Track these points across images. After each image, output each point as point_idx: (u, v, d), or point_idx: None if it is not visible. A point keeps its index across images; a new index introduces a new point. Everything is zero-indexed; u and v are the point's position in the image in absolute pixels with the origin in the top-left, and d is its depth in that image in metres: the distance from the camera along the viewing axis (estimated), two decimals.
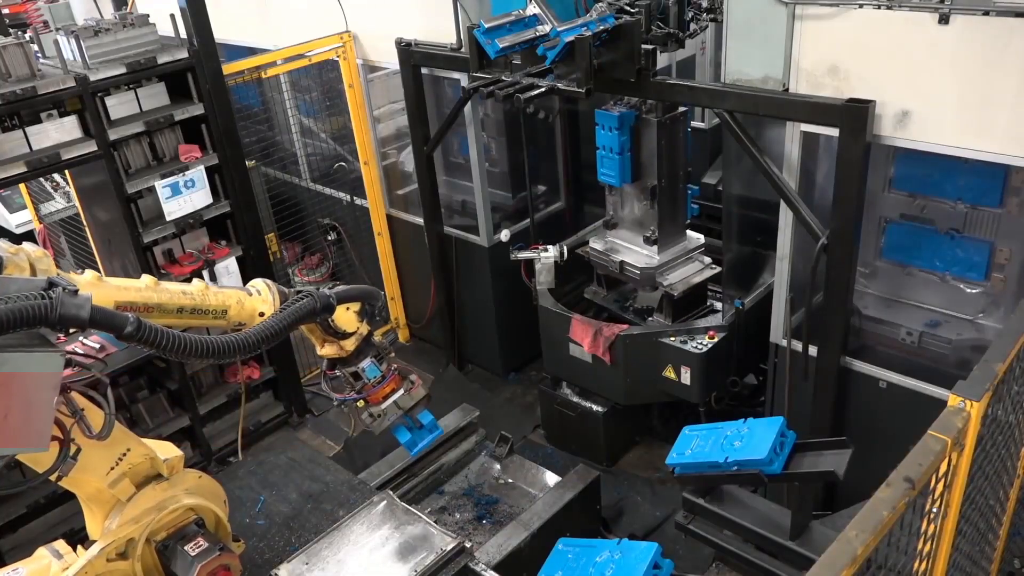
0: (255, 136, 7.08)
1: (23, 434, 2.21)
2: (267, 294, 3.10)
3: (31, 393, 2.19)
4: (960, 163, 3.94)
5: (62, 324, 2.19)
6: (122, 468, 3.09)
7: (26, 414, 2.19)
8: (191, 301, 2.83)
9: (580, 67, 4.16)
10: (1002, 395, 2.38)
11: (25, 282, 2.22)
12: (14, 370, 2.14)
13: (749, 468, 3.36)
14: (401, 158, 7.07)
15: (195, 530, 3.23)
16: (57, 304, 2.14)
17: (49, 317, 2.12)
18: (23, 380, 2.16)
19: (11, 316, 2.04)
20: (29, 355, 2.17)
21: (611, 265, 5.30)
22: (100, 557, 3.05)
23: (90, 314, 2.22)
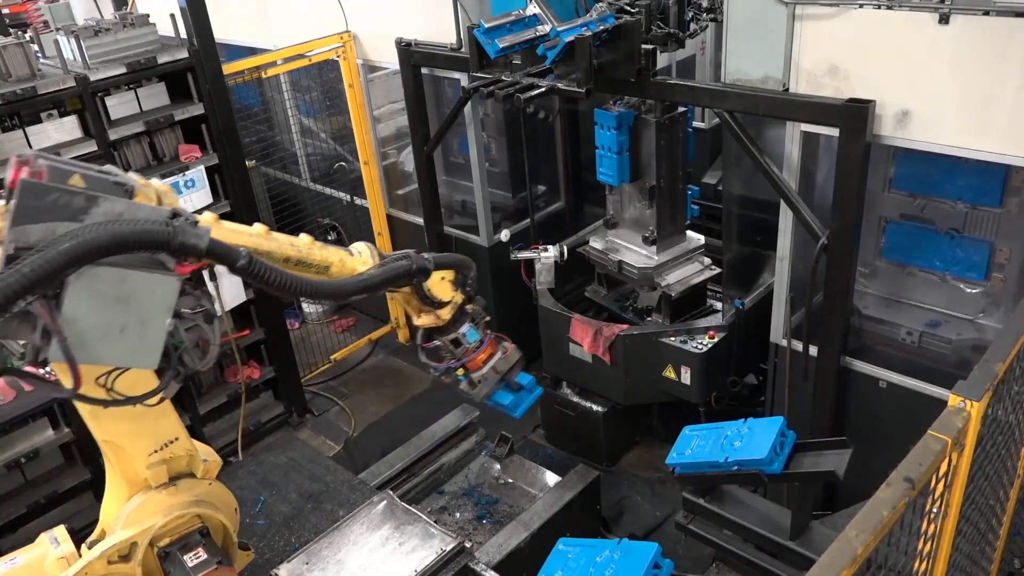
0: (255, 136, 7.08)
1: (135, 350, 2.33)
2: (367, 256, 3.15)
3: (148, 312, 2.31)
4: (960, 163, 3.94)
5: (182, 251, 2.28)
6: (164, 455, 3.08)
7: (141, 331, 2.31)
8: (297, 253, 2.90)
9: (580, 67, 4.16)
10: (1002, 395, 2.38)
11: (152, 210, 2.33)
12: (134, 288, 2.26)
13: (749, 468, 3.36)
14: (401, 158, 7.07)
15: (198, 539, 3.18)
16: (179, 232, 2.24)
17: (171, 243, 2.23)
18: (141, 299, 2.29)
19: (137, 237, 2.16)
20: (149, 275, 2.30)
21: (610, 264, 5.30)
22: (101, 559, 3.04)
23: (208, 245, 2.32)
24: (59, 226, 2.13)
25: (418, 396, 6.69)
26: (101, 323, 2.21)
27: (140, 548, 3.08)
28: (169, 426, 3.08)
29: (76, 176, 2.24)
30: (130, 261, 2.24)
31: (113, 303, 2.23)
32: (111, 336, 2.25)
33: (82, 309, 2.16)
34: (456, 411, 5.44)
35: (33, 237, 2.10)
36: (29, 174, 2.15)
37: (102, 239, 2.08)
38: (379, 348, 7.41)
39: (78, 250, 2.02)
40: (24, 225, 2.10)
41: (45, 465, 5.26)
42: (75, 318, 2.15)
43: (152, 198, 2.46)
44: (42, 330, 2.15)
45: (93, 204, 2.21)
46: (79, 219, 2.17)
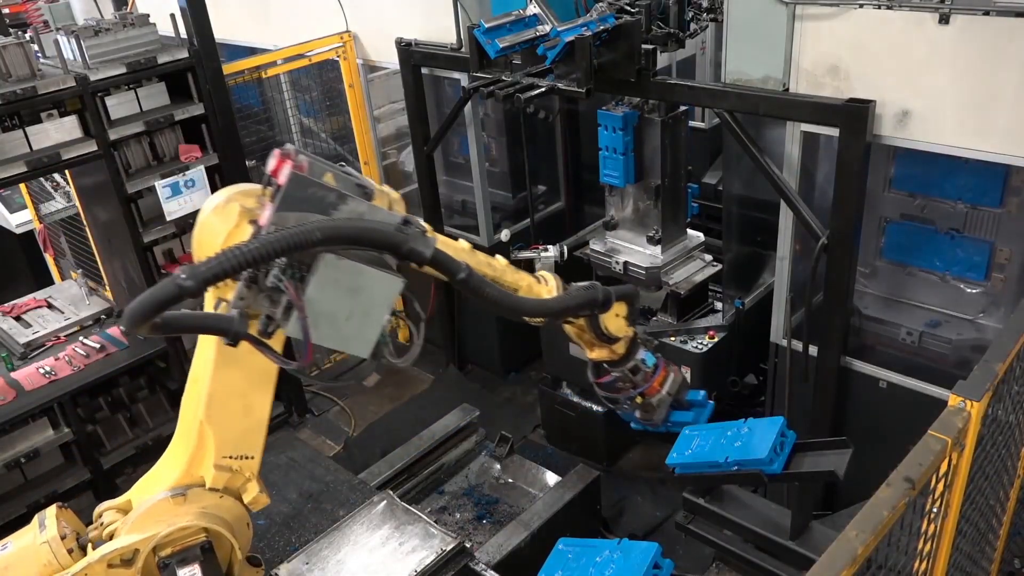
0: (255, 136, 7.07)
1: (354, 338, 2.56)
2: (552, 284, 3.33)
3: (371, 306, 2.55)
4: (960, 163, 3.94)
5: (409, 256, 2.51)
6: (234, 464, 3.05)
7: (362, 322, 2.55)
8: (492, 272, 3.06)
9: (580, 67, 4.16)
10: (1002, 395, 2.38)
11: (387, 214, 2.59)
12: (366, 282, 2.50)
13: (749, 468, 3.35)
14: (401, 158, 7.07)
15: (197, 555, 3.12)
16: (411, 238, 2.48)
17: (401, 247, 2.47)
18: (369, 292, 2.52)
19: (375, 236, 2.42)
20: (380, 272, 2.53)
21: (614, 266, 5.29)
22: (101, 562, 3.02)
23: (432, 254, 2.54)
24: (311, 216, 2.41)
25: (418, 396, 6.69)
26: (333, 309, 2.46)
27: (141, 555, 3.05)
28: (255, 443, 3.10)
29: (329, 174, 2.51)
30: (362, 257, 2.49)
31: (346, 293, 2.48)
32: (337, 322, 2.50)
33: (321, 293, 2.41)
34: (456, 411, 5.44)
35: (289, 223, 2.37)
36: (293, 167, 2.41)
37: (348, 230, 2.38)
38: None
39: (329, 232, 2.31)
40: (286, 212, 2.40)
41: (45, 465, 5.27)
42: (314, 300, 2.39)
43: (386, 203, 2.67)
44: (285, 306, 2.37)
45: (342, 202, 2.49)
46: (329, 213, 2.45)
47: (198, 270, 2.19)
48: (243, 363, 2.85)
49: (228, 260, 2.20)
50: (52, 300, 6.21)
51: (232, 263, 2.20)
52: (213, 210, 2.64)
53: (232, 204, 2.61)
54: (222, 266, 2.19)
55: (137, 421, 5.63)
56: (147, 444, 5.58)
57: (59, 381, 5.16)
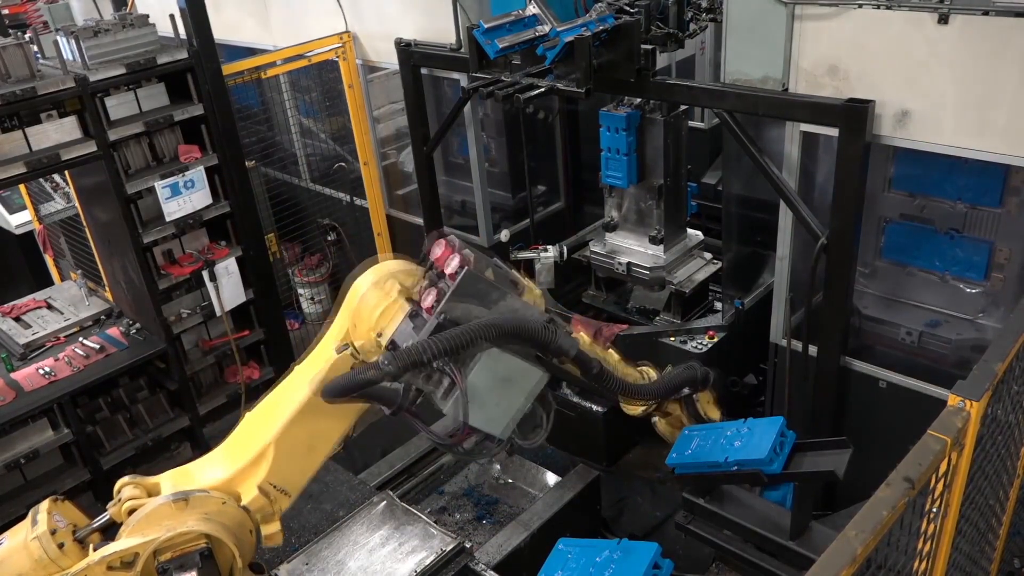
0: (255, 136, 7.08)
1: (497, 420, 2.85)
2: (653, 375, 3.73)
3: (517, 394, 2.86)
4: (960, 163, 3.94)
5: (554, 352, 2.79)
6: (273, 493, 3.13)
7: (506, 408, 2.86)
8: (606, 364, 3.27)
9: (580, 67, 4.16)
10: (1002, 395, 2.38)
11: (535, 311, 2.86)
12: (518, 373, 2.82)
13: (749, 468, 3.35)
14: (401, 158, 7.07)
15: (195, 561, 3.10)
16: (558, 337, 2.77)
17: (550, 345, 2.75)
18: (519, 382, 2.84)
19: (528, 332, 2.70)
20: (531, 366, 2.85)
21: (616, 267, 5.29)
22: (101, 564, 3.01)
23: (576, 352, 2.82)
24: (474, 309, 2.72)
25: None
26: (486, 393, 2.75)
27: (141, 559, 3.04)
28: (299, 482, 3.19)
29: (489, 269, 2.80)
30: (516, 350, 2.78)
31: (501, 381, 2.78)
32: (488, 405, 2.79)
33: (480, 379, 2.71)
34: None
35: (457, 312, 2.69)
36: (462, 261, 2.70)
37: (513, 328, 2.66)
38: None
39: (500, 331, 2.61)
40: (456, 302, 2.69)
41: (45, 466, 5.27)
42: (475, 385, 2.70)
43: (532, 301, 2.94)
44: (446, 388, 2.70)
45: (501, 298, 2.79)
46: (489, 307, 2.75)
47: (400, 357, 2.53)
48: (330, 414, 3.06)
49: (426, 351, 2.52)
50: (52, 301, 6.21)
51: (428, 354, 2.52)
52: (373, 285, 2.90)
53: (392, 282, 2.88)
54: (421, 356, 2.52)
55: (137, 422, 5.63)
56: (147, 445, 5.58)
57: (59, 382, 5.16)
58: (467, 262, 2.68)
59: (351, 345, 2.87)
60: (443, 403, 2.69)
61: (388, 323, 2.83)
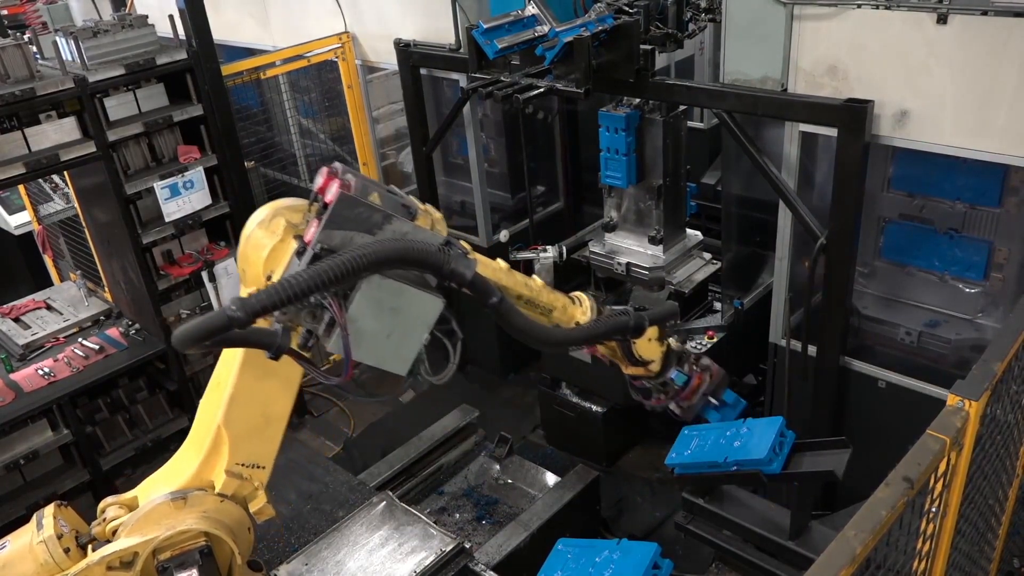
0: (254, 137, 7.08)
1: (393, 356, 2.62)
2: (587, 306, 3.34)
3: (411, 325, 2.61)
4: (959, 163, 3.94)
5: (450, 277, 2.56)
6: (245, 472, 3.07)
7: (401, 340, 2.61)
8: (528, 292, 3.12)
9: (579, 67, 4.16)
10: (1001, 394, 2.38)
11: (430, 234, 2.62)
12: (407, 302, 2.56)
13: (748, 468, 3.36)
14: (400, 159, 7.07)
15: (195, 559, 3.11)
16: (452, 259, 2.53)
17: (443, 268, 2.51)
18: (410, 312, 2.59)
19: (419, 255, 2.45)
20: (422, 293, 2.61)
21: (616, 268, 5.29)
22: (100, 564, 3.02)
23: (472, 276, 2.60)
24: (356, 235, 2.47)
25: (417, 397, 6.69)
26: (374, 327, 2.52)
27: (141, 559, 3.04)
28: (269, 454, 3.12)
29: (375, 193, 2.53)
30: (405, 276, 2.55)
31: (388, 312, 2.53)
32: (378, 340, 2.55)
33: (364, 312, 2.47)
34: (455, 412, 5.44)
35: (335, 241, 2.44)
36: (341, 186, 2.45)
37: (392, 252, 2.40)
38: None
39: (373, 257, 2.33)
40: (332, 230, 2.44)
41: (44, 466, 5.26)
42: (357, 318, 2.45)
43: (429, 223, 2.70)
44: (328, 323, 2.43)
45: (387, 222, 2.53)
46: (373, 232, 2.50)
47: (248, 303, 2.24)
48: (268, 373, 2.89)
49: (278, 294, 2.24)
50: (51, 301, 6.20)
51: (281, 296, 2.24)
52: (259, 224, 2.69)
53: (278, 219, 2.68)
54: (272, 299, 2.24)
55: (136, 422, 5.63)
56: (146, 445, 5.58)
57: (58, 382, 5.16)
58: (346, 187, 2.46)
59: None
60: (327, 340, 2.45)
61: (277, 264, 2.64)
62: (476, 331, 6.67)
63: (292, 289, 2.24)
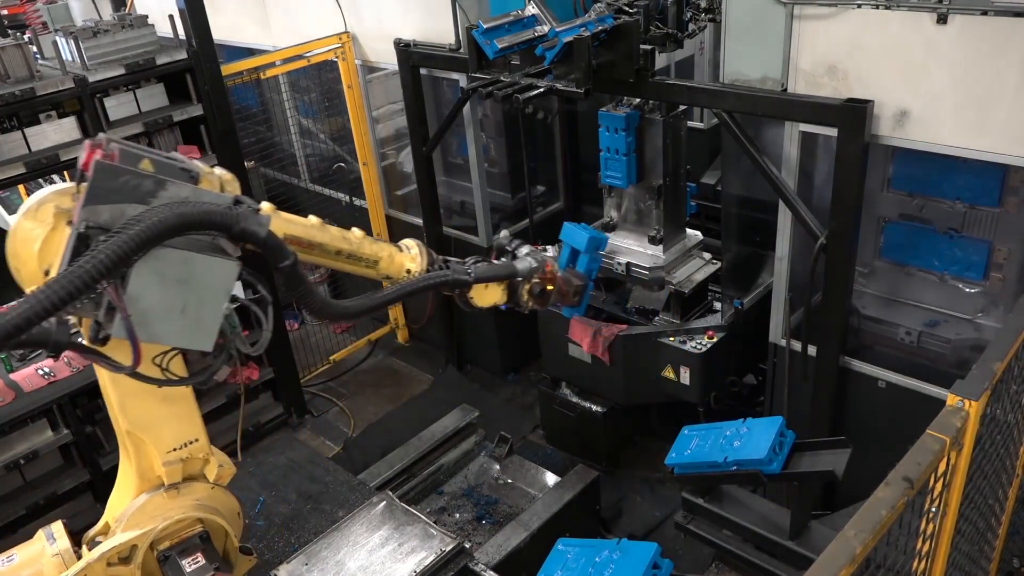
0: (254, 137, 7.08)
1: (193, 331, 2.39)
2: (416, 252, 3.21)
3: (207, 295, 2.38)
4: (958, 163, 3.94)
5: (242, 237, 2.35)
6: (182, 454, 3.06)
7: (199, 313, 2.37)
8: (348, 246, 2.97)
9: (579, 67, 4.16)
10: (1001, 394, 2.38)
11: (216, 196, 2.41)
12: (196, 270, 2.32)
13: (748, 468, 3.36)
14: (400, 159, 7.07)
15: (197, 544, 3.16)
16: (241, 218, 2.31)
17: (233, 228, 2.29)
18: (202, 281, 2.35)
19: (201, 217, 2.22)
20: (211, 258, 2.36)
21: (616, 267, 5.30)
22: (100, 561, 3.03)
23: (266, 235, 2.38)
24: (128, 207, 2.21)
25: (417, 397, 6.70)
26: (163, 303, 2.29)
27: (140, 551, 3.07)
28: (192, 426, 3.08)
29: (146, 160, 2.32)
30: (192, 244, 2.31)
31: (175, 284, 2.29)
32: (172, 316, 2.32)
33: (146, 289, 2.23)
34: (455, 411, 5.44)
35: (103, 217, 2.19)
36: (102, 156, 2.22)
37: (170, 220, 2.14)
38: (378, 349, 7.41)
39: (149, 232, 2.09)
40: (96, 205, 2.19)
41: (44, 466, 5.26)
42: (139, 297, 2.21)
43: (216, 185, 2.51)
44: (107, 307, 2.19)
45: (161, 187, 2.29)
46: (147, 201, 2.25)
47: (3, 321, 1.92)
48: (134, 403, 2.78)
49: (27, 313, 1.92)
50: None
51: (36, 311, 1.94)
52: (25, 214, 2.40)
53: (46, 206, 2.40)
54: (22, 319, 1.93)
55: None
56: None
57: (58, 382, 5.16)
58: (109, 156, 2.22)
59: None
60: (109, 326, 2.19)
61: (53, 255, 2.36)
62: (476, 331, 6.69)
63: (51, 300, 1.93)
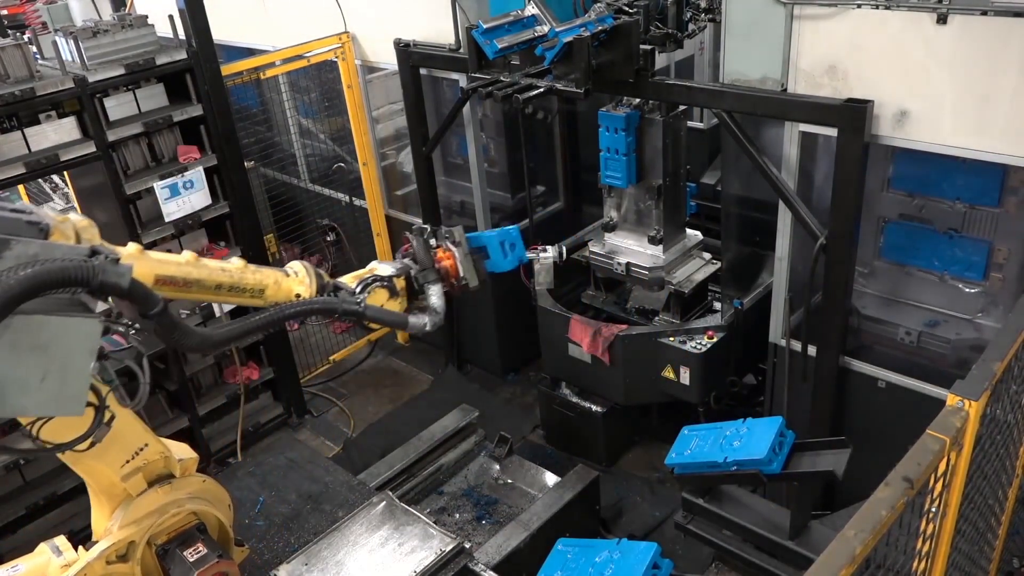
0: (254, 137, 7.08)
1: (59, 398, 2.23)
2: (304, 276, 3.15)
3: (69, 358, 2.22)
4: (958, 163, 3.94)
5: (102, 290, 2.21)
6: (137, 463, 3.09)
7: (63, 378, 2.22)
8: (229, 279, 2.86)
9: (578, 67, 4.16)
10: (1000, 394, 2.38)
11: (69, 248, 2.24)
12: (53, 334, 2.16)
13: (748, 468, 3.36)
14: (400, 159, 7.07)
15: (195, 535, 3.21)
16: (99, 270, 2.15)
17: (91, 282, 2.13)
18: (61, 344, 2.19)
19: (54, 276, 2.06)
20: (68, 319, 2.20)
21: (616, 268, 5.29)
22: (100, 560, 3.04)
23: (129, 285, 2.23)
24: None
25: (417, 397, 6.69)
26: (19, 374, 2.12)
27: (138, 547, 3.09)
28: (135, 435, 3.07)
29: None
30: (48, 306, 2.14)
31: (30, 352, 2.12)
32: (30, 386, 2.14)
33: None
34: (455, 412, 5.44)
35: None
36: None
37: (21, 284, 1.97)
38: (378, 349, 7.41)
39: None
40: None
41: (44, 467, 5.26)
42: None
43: (70, 235, 2.36)
44: None
45: (4, 248, 2.11)
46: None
47: None
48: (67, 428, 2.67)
49: None
50: None
51: None
52: None
53: None
54: None
55: None
56: None
57: None
58: None
59: None
60: None
61: None
62: (475, 331, 6.69)
63: None
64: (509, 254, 3.88)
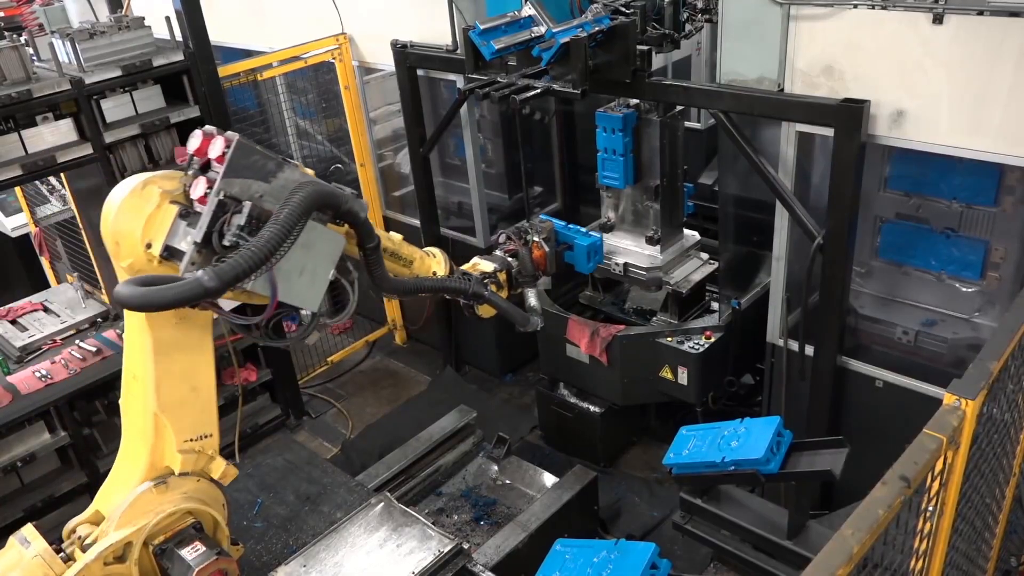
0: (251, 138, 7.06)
1: (307, 293, 2.70)
2: (440, 258, 3.72)
3: (321, 260, 2.71)
4: (955, 162, 3.95)
5: (346, 216, 2.76)
6: (196, 446, 3.16)
7: (313, 277, 2.70)
8: (392, 245, 3.36)
9: (575, 68, 4.16)
10: (997, 393, 2.39)
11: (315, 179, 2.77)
12: (316, 237, 2.66)
13: (746, 468, 3.36)
14: (397, 160, 7.07)
15: (193, 534, 3.22)
16: (350, 199, 2.75)
17: (342, 206, 2.71)
18: (319, 247, 2.68)
19: (323, 194, 2.63)
20: (327, 229, 2.72)
21: (613, 268, 5.30)
22: (97, 561, 3.04)
23: (365, 216, 2.82)
24: (253, 183, 2.57)
25: (415, 398, 6.69)
26: (291, 264, 2.58)
27: (135, 548, 3.09)
28: (211, 421, 3.22)
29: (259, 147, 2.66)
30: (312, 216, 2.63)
31: (301, 248, 2.59)
32: (294, 277, 2.63)
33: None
34: (453, 413, 5.44)
35: (234, 189, 2.54)
36: (227, 139, 2.57)
37: (314, 198, 2.58)
38: (376, 350, 7.40)
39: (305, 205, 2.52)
40: (232, 178, 2.54)
41: (41, 469, 5.26)
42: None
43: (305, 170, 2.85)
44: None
45: (280, 169, 2.65)
46: (268, 180, 2.61)
47: (222, 272, 2.36)
48: (179, 348, 2.98)
49: (247, 261, 2.37)
50: (48, 303, 6.19)
51: (251, 263, 2.38)
52: (130, 193, 2.65)
53: (150, 187, 2.65)
54: (243, 267, 2.37)
55: None
56: None
57: (55, 385, 5.15)
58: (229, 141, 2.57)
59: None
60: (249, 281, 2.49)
61: (157, 231, 2.63)
62: (474, 332, 6.68)
63: (258, 255, 2.38)
64: (593, 259, 4.27)
